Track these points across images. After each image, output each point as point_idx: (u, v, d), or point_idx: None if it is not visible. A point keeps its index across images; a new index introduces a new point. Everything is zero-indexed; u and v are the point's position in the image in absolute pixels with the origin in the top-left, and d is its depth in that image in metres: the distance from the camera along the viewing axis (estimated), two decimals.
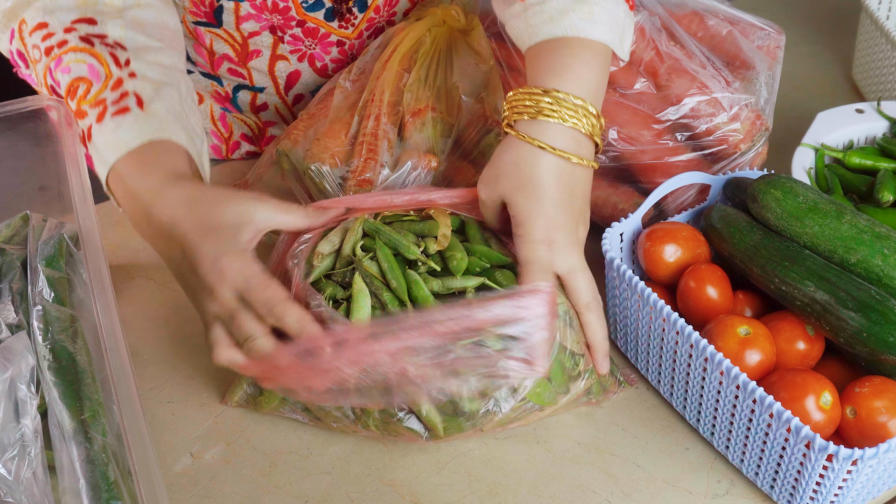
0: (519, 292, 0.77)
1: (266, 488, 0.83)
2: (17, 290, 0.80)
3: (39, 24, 0.87)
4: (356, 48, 1.09)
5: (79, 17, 0.86)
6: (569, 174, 0.82)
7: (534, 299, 0.77)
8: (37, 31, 0.87)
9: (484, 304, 0.76)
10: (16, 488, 0.65)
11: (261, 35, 1.04)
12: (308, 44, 1.06)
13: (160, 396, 0.90)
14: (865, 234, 0.82)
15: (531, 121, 0.82)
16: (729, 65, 1.03)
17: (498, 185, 0.83)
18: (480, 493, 0.82)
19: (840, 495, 0.76)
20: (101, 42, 0.86)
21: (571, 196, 0.83)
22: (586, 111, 0.82)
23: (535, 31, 0.86)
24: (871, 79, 1.29)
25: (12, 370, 0.70)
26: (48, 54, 0.86)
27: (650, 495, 0.82)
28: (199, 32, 1.04)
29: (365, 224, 0.86)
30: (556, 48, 0.84)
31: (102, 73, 0.84)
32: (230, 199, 0.79)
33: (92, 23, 0.87)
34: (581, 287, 0.83)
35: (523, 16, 0.87)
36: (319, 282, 0.84)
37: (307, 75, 1.10)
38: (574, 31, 0.84)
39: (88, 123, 0.83)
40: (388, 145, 0.97)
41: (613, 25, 0.86)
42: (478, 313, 0.75)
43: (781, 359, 0.83)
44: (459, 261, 0.82)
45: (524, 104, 0.82)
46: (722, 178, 0.96)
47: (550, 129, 0.81)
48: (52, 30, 0.86)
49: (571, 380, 0.83)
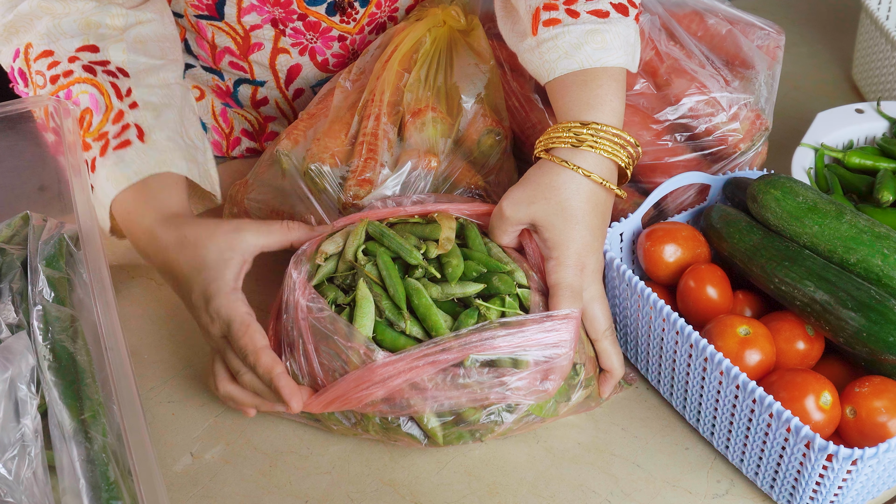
0: (552, 317, 0.79)
1: (266, 488, 0.83)
2: (18, 289, 0.80)
3: (45, 51, 0.89)
4: (357, 43, 1.10)
5: (82, 44, 0.90)
6: (603, 202, 0.84)
7: (564, 324, 0.79)
8: (42, 59, 0.89)
9: (515, 329, 0.77)
10: (16, 488, 0.65)
11: (262, 28, 1.04)
12: (309, 37, 1.06)
13: (160, 396, 0.90)
14: (865, 234, 0.82)
15: (572, 149, 0.83)
16: (728, 64, 1.03)
17: (532, 206, 0.83)
18: (480, 493, 0.82)
19: (840, 495, 0.76)
20: (103, 70, 0.90)
21: (602, 224, 0.85)
22: (624, 140, 0.84)
23: (551, 66, 0.87)
24: (871, 79, 1.29)
25: (12, 370, 0.70)
26: (54, 83, 0.89)
27: (650, 495, 0.82)
28: (200, 26, 1.05)
29: (369, 226, 0.86)
30: (580, 81, 0.86)
31: (103, 105, 0.88)
32: (212, 237, 0.83)
33: (94, 50, 0.90)
34: (598, 315, 0.85)
35: (538, 51, 0.89)
36: (322, 285, 0.84)
37: (308, 69, 1.10)
38: (591, 63, 0.86)
39: (92, 156, 0.87)
40: (388, 145, 0.97)
41: (627, 47, 0.87)
42: (509, 338, 0.77)
43: (781, 359, 0.83)
44: (455, 267, 0.82)
45: (562, 136, 0.84)
46: (722, 178, 0.96)
47: (591, 158, 0.83)
48: (58, 58, 0.89)
49: (572, 389, 0.83)
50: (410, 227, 0.87)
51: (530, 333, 0.77)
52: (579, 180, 0.83)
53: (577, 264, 0.82)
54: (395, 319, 0.80)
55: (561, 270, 0.82)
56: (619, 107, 0.86)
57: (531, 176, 0.85)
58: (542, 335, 0.78)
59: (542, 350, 0.77)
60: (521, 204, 0.84)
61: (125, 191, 0.86)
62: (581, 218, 0.83)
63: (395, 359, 0.76)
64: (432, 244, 0.84)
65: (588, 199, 0.83)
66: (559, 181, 0.83)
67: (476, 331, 0.77)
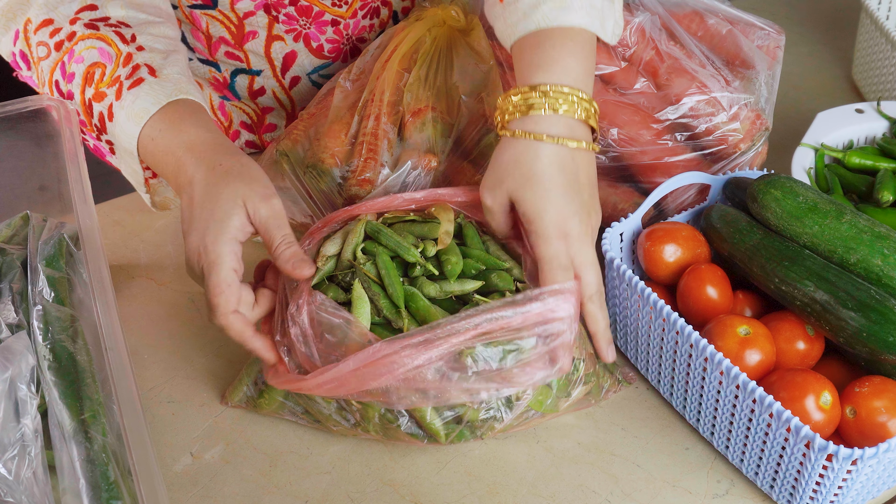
0: (544, 294, 0.77)
1: (266, 488, 0.83)
2: (18, 289, 0.80)
3: (45, 20, 0.88)
4: (351, 28, 1.10)
5: (80, 6, 0.89)
6: (570, 161, 0.81)
7: (560, 300, 0.77)
8: (43, 28, 0.88)
9: (510, 308, 0.75)
10: (16, 488, 0.65)
11: (255, 15, 1.05)
12: (303, 23, 1.07)
13: (160, 396, 0.90)
14: (865, 233, 0.82)
15: (523, 117, 0.81)
16: (729, 64, 1.03)
17: (503, 187, 0.82)
18: (480, 493, 0.82)
19: (840, 495, 0.76)
20: (104, 24, 0.88)
21: (577, 184, 0.81)
22: (577, 97, 0.81)
23: (512, 29, 0.85)
24: (871, 79, 1.29)
25: (12, 370, 0.70)
26: (58, 49, 0.88)
27: (650, 495, 0.82)
28: (195, 16, 1.05)
29: (367, 226, 0.86)
30: (537, 43, 0.84)
31: (113, 54, 0.87)
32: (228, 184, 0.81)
33: (93, 8, 0.89)
34: (589, 280, 0.82)
35: (503, 16, 0.87)
36: (322, 284, 0.84)
37: (303, 56, 1.11)
38: (547, 22, 0.83)
39: (108, 103, 0.85)
40: (388, 145, 0.97)
41: (590, 9, 0.84)
42: (504, 318, 0.75)
43: (781, 359, 0.83)
44: (454, 265, 0.82)
45: (514, 104, 0.82)
46: (722, 178, 0.96)
47: (544, 120, 0.80)
48: (59, 24, 0.88)
49: (572, 384, 0.83)
50: (409, 225, 0.87)
51: (525, 312, 0.75)
52: (537, 146, 0.80)
53: (558, 234, 0.79)
54: (393, 318, 0.80)
55: (541, 243, 0.80)
56: (577, 67, 0.82)
57: (495, 157, 0.83)
58: (537, 313, 0.76)
59: (541, 328, 0.76)
60: (493, 189, 0.82)
61: (148, 125, 0.84)
62: (549, 184, 0.80)
63: (398, 338, 0.74)
64: (430, 243, 0.84)
65: (552, 162, 0.80)
66: (519, 153, 0.80)
67: (466, 314, 0.75)
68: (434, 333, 0.74)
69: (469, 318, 0.75)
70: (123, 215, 1.11)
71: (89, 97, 0.87)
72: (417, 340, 0.74)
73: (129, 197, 1.13)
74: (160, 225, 1.10)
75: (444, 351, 0.74)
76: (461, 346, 0.75)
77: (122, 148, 0.87)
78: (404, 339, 0.74)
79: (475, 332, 0.74)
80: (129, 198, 1.13)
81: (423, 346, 0.74)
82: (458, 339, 0.74)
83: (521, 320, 0.75)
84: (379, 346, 0.74)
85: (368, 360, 0.74)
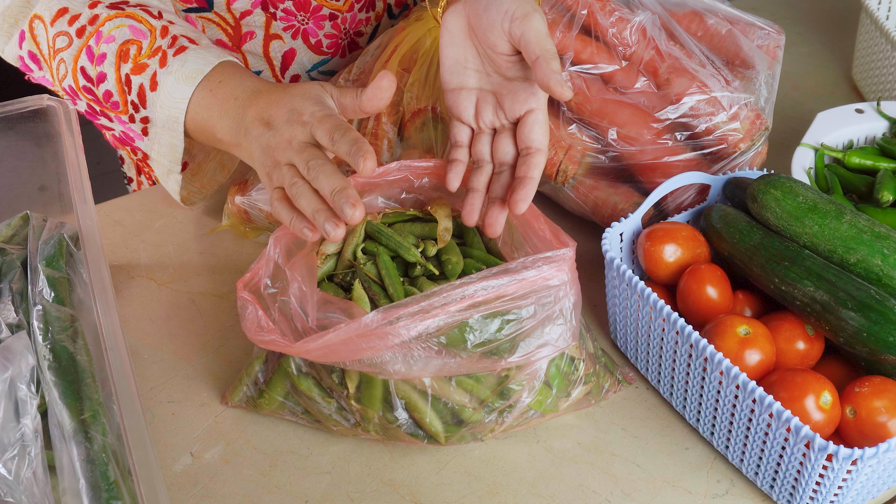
0: (538, 262, 0.76)
1: (266, 488, 0.83)
2: (18, 289, 0.80)
3: (60, 10, 0.88)
4: (349, 22, 1.10)
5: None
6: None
7: (553, 268, 0.76)
8: (60, 18, 0.88)
9: (504, 276, 0.74)
10: (16, 488, 0.65)
11: (253, 14, 1.05)
12: (300, 18, 1.07)
13: (160, 396, 0.90)
14: (865, 233, 0.82)
15: None
16: (728, 64, 1.03)
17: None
18: (480, 493, 0.82)
19: (840, 495, 0.76)
20: (127, 6, 0.89)
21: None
22: None
23: None
24: (871, 79, 1.29)
25: (12, 370, 0.70)
26: (81, 35, 0.88)
27: (650, 495, 0.82)
28: (190, 20, 1.05)
29: (368, 226, 0.86)
30: None
31: (146, 29, 0.88)
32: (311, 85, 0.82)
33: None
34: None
35: None
36: (322, 283, 0.84)
37: (302, 53, 1.11)
38: None
39: (152, 71, 0.86)
40: (388, 145, 0.97)
41: None
42: (500, 285, 0.74)
43: (781, 359, 0.83)
44: (455, 265, 0.82)
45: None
46: (722, 178, 0.96)
47: None
48: (76, 11, 0.88)
49: (572, 384, 0.83)
50: (409, 225, 0.87)
51: (519, 278, 0.74)
52: None
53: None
54: None
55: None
56: None
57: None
58: (532, 276, 0.75)
59: (536, 295, 0.75)
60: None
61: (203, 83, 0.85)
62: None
63: (393, 307, 0.73)
64: (430, 243, 0.84)
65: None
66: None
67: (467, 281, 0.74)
68: (429, 302, 0.73)
69: (464, 286, 0.74)
70: (123, 215, 1.11)
71: (126, 72, 0.87)
72: (414, 309, 0.73)
73: (129, 197, 1.13)
74: (160, 225, 1.10)
75: (441, 322, 0.73)
76: (459, 318, 0.74)
77: (165, 117, 0.87)
78: (399, 309, 0.73)
79: (471, 300, 0.73)
80: (129, 198, 1.13)
81: (420, 315, 0.73)
82: (455, 308, 0.73)
83: (516, 287, 0.75)
84: (373, 315, 0.73)
85: (362, 331, 0.73)
